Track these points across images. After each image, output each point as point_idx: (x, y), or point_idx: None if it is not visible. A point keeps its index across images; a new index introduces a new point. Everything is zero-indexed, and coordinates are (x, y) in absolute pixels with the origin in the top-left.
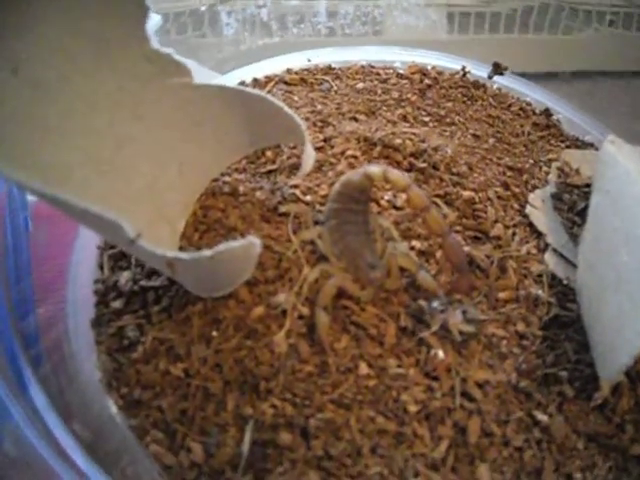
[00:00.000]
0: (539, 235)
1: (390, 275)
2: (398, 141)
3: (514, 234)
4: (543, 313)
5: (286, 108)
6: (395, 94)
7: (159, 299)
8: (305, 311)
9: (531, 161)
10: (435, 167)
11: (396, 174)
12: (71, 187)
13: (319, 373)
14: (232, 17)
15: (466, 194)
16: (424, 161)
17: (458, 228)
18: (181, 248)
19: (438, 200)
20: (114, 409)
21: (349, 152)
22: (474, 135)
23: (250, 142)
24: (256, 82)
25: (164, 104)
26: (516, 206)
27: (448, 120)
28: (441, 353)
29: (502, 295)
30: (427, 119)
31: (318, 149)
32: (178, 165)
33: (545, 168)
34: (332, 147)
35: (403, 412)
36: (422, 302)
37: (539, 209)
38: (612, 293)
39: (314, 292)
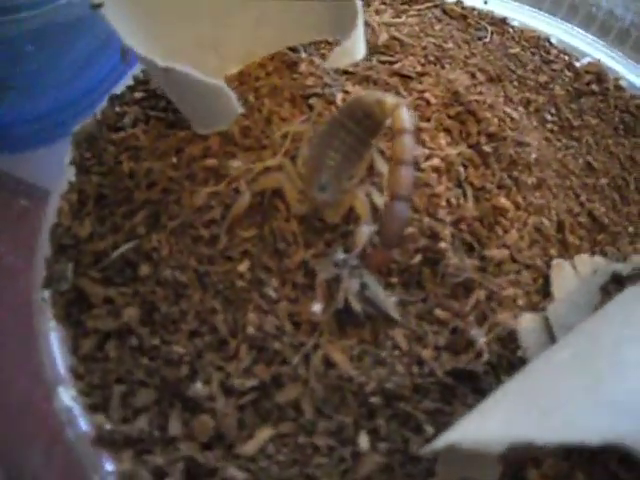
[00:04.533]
0: (544, 295)
1: (335, 208)
2: (487, 114)
3: (518, 272)
4: (469, 357)
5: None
6: (542, 79)
7: None
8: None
9: (631, 229)
10: (499, 161)
11: (404, 114)
12: None
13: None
14: None
15: (502, 201)
16: (494, 148)
17: (462, 227)
18: None
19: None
20: None
21: (426, 95)
22: (589, 164)
23: (330, 29)
24: None
25: None
26: (553, 252)
27: (576, 134)
28: (318, 307)
29: (440, 313)
30: (549, 117)
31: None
32: (255, 18)
33: None
34: (420, 83)
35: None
36: (339, 251)
37: (578, 275)
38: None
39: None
